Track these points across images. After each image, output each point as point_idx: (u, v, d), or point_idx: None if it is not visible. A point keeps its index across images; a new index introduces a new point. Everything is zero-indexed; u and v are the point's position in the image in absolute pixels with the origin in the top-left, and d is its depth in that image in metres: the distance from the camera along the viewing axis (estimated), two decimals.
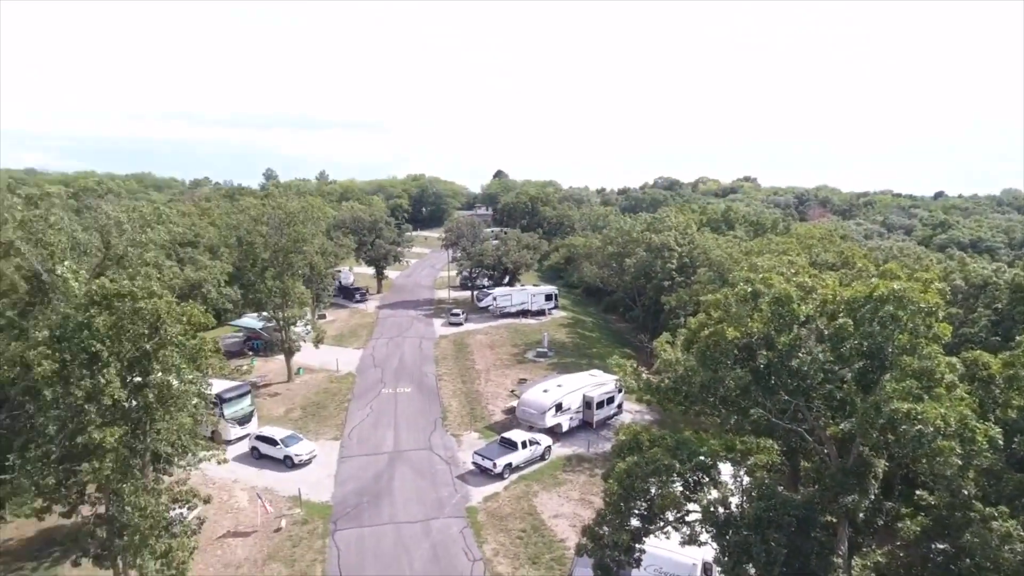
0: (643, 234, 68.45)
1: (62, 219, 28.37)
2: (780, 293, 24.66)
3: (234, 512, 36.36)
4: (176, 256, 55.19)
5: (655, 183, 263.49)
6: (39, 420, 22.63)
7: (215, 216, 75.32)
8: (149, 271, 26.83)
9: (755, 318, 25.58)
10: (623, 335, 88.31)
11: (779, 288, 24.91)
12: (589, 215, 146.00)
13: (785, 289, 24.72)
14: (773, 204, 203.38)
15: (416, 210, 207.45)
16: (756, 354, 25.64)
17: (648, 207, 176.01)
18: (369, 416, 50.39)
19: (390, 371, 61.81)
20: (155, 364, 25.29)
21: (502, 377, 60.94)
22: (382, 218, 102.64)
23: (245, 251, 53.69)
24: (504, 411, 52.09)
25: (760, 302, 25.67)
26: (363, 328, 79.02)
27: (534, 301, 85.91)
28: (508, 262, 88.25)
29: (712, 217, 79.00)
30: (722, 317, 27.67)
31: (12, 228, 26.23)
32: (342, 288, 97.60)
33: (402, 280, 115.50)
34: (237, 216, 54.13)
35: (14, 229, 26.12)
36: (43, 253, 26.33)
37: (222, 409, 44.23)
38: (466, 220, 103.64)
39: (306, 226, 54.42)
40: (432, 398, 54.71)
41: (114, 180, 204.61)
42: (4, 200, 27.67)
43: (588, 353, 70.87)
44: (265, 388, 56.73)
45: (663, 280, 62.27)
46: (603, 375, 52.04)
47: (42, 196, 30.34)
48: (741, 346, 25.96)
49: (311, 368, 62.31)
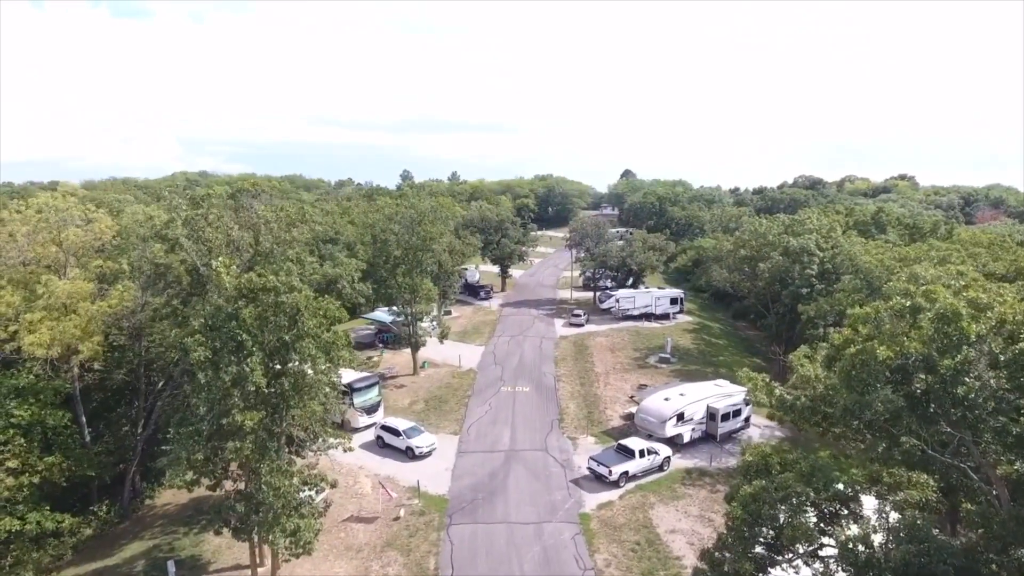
0: (780, 237, 63.77)
1: (220, 218, 31.37)
2: (947, 309, 21.53)
3: (358, 498, 38.29)
4: (318, 252, 59.33)
5: (795, 182, 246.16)
6: (193, 400, 24.94)
7: (354, 215, 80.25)
8: (291, 267, 28.78)
9: (913, 336, 22.58)
10: (753, 344, 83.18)
11: (945, 303, 21.78)
12: (720, 216, 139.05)
13: (953, 305, 21.55)
14: (933, 205, 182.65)
15: (542, 210, 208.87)
16: (912, 377, 22.66)
17: (786, 208, 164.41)
18: (488, 413, 51.14)
19: (510, 369, 62.44)
20: (293, 354, 27.08)
21: (621, 381, 59.47)
22: (508, 218, 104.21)
23: (379, 248, 56.50)
24: (622, 417, 50.73)
25: (920, 318, 22.63)
26: (486, 325, 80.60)
27: (658, 304, 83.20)
28: (632, 263, 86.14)
29: (860, 219, 71.84)
30: (872, 333, 24.72)
31: (179, 226, 29.35)
32: (468, 285, 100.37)
33: (525, 279, 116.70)
34: (373, 215, 57.07)
35: (181, 227, 29.23)
36: (202, 249, 29.20)
37: (352, 398, 46.77)
38: (591, 220, 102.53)
39: (435, 225, 56.28)
40: (550, 399, 54.52)
41: (269, 181, 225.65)
42: (172, 201, 31.12)
43: (714, 361, 67.41)
44: (392, 380, 59.43)
45: (801, 287, 57.59)
46: (730, 386, 49.08)
47: (204, 197, 33.78)
48: (894, 367, 23.02)
49: (435, 363, 64.45)
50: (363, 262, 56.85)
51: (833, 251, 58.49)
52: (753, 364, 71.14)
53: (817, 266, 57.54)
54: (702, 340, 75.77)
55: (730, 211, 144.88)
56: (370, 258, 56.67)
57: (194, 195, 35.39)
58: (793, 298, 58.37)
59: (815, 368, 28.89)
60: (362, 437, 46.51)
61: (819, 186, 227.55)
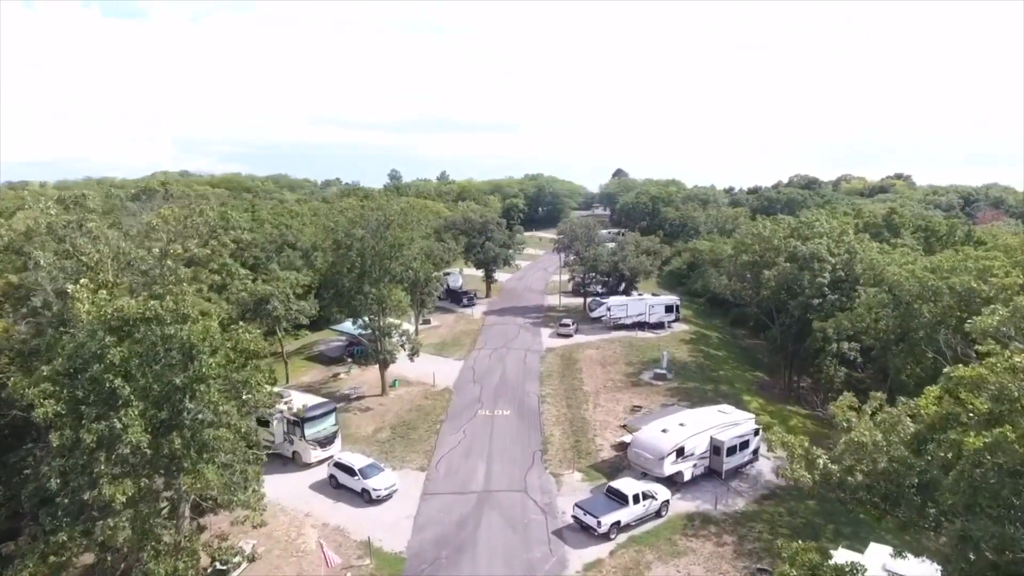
0: (786, 241, 58.09)
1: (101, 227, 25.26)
2: None
3: (299, 556, 32.17)
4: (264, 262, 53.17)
5: (790, 181, 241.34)
6: (43, 469, 18.85)
7: (308, 218, 73.75)
8: (183, 289, 22.74)
9: None
10: (754, 354, 77.57)
11: None
12: (716, 217, 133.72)
13: None
14: (933, 205, 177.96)
15: (532, 210, 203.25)
16: None
17: (783, 208, 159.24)
18: (461, 443, 45.14)
19: (490, 388, 56.43)
20: (189, 403, 21.02)
21: (613, 402, 53.60)
22: (493, 219, 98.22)
23: (342, 255, 50.39)
24: (613, 446, 44.85)
25: None
26: (467, 336, 74.58)
27: (652, 312, 77.44)
28: (625, 268, 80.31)
29: (870, 221, 66.43)
30: (1002, 413, 17.39)
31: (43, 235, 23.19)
32: (450, 291, 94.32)
33: (512, 283, 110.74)
34: (335, 217, 50.96)
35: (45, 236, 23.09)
36: (72, 266, 23.07)
37: (303, 429, 40.72)
38: (581, 221, 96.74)
39: (405, 229, 50.24)
40: (533, 424, 48.58)
41: (253, 181, 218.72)
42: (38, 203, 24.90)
43: (714, 376, 61.67)
44: (357, 401, 53.32)
45: (812, 298, 51.86)
46: (735, 412, 43.28)
47: (77, 199, 27.50)
48: None
49: (407, 380, 58.38)
50: (312, 273, 50.36)
51: (847, 256, 52.78)
52: (756, 380, 65.58)
53: (829, 274, 51.82)
54: (700, 352, 70.03)
55: (726, 212, 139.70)
56: (328, 267, 50.46)
57: (64, 196, 28.80)
58: (803, 308, 52.67)
59: (870, 430, 22.64)
60: (315, 474, 40.45)
61: (815, 186, 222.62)
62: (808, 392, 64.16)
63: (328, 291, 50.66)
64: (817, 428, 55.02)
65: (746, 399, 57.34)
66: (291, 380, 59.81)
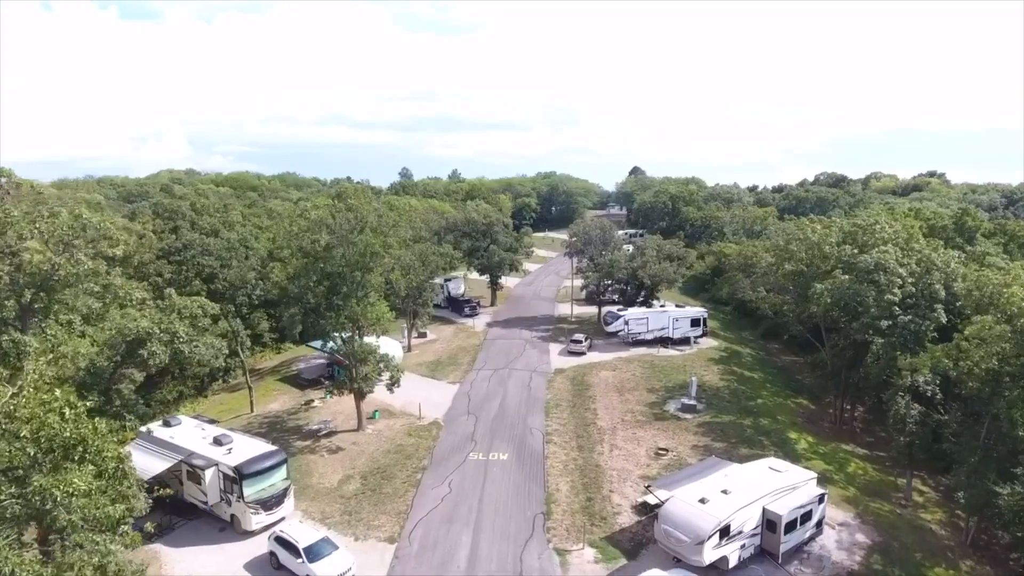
0: (840, 248, 48.68)
1: None
2: None
3: None
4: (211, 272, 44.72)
5: (816, 180, 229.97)
6: None
7: (260, 218, 64.93)
8: None
9: None
10: (793, 376, 67.95)
11: None
12: (743, 217, 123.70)
13: None
14: (974, 205, 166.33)
15: (545, 209, 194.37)
16: None
17: (814, 208, 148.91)
18: (445, 500, 36.36)
19: (486, 422, 47.62)
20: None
21: (633, 442, 44.56)
22: (499, 220, 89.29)
23: (308, 265, 41.84)
24: (635, 508, 35.85)
25: None
26: (465, 353, 65.79)
27: (677, 327, 68.17)
28: (645, 276, 71.04)
29: (937, 224, 56.69)
30: None
31: None
32: (451, 299, 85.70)
33: (521, 289, 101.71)
34: (300, 221, 42.42)
35: None
36: None
37: (241, 488, 32.19)
38: (596, 223, 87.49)
39: (379, 235, 41.58)
40: (535, 473, 39.70)
41: (260, 179, 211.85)
42: None
43: (751, 407, 52.33)
44: (327, 439, 44.75)
45: (879, 319, 42.36)
46: (791, 470, 34.07)
47: None
48: None
49: (390, 410, 49.80)
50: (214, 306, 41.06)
51: (925, 267, 43.17)
52: (800, 410, 56.11)
53: (900, 290, 42.26)
54: (732, 374, 60.63)
55: (754, 212, 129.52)
56: (291, 279, 41.92)
57: None
58: (866, 330, 43.14)
59: None
60: (256, 547, 31.89)
61: (843, 184, 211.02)
62: (865, 425, 54.59)
63: (288, 308, 42.05)
64: (880, 474, 45.66)
65: (792, 437, 48.05)
66: (257, 408, 51.57)
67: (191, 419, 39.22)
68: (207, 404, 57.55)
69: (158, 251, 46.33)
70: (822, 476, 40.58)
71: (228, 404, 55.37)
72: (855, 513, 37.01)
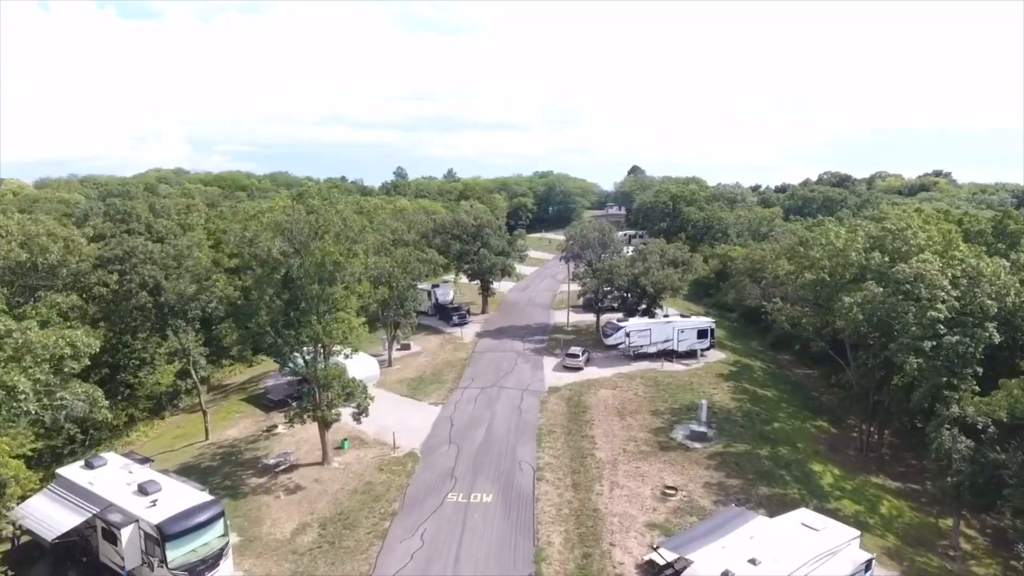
0: (868, 256, 43.14)
1: None
2: None
3: None
4: None
5: (819, 179, 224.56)
6: None
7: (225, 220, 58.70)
8: None
9: None
10: (808, 391, 62.51)
11: None
12: (749, 218, 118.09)
13: None
14: (985, 205, 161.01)
15: (542, 209, 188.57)
16: None
17: (821, 208, 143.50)
18: (416, 556, 30.71)
19: (469, 453, 42.00)
20: None
21: (636, 479, 38.93)
22: (490, 222, 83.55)
23: (261, 277, 36.15)
24: (639, 568, 30.20)
25: None
26: (451, 368, 60.11)
27: (682, 339, 62.55)
28: (647, 283, 65.42)
29: (972, 228, 50.99)
30: None
31: None
32: (439, 307, 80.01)
33: (515, 295, 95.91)
34: (251, 225, 36.72)
35: None
36: None
37: (164, 551, 26.52)
38: (594, 224, 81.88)
39: (341, 242, 35.90)
40: (523, 521, 34.06)
41: (250, 179, 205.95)
42: None
43: (767, 433, 46.82)
44: (287, 474, 39.11)
45: (920, 339, 36.72)
46: (828, 525, 28.45)
47: None
48: None
49: (362, 437, 44.19)
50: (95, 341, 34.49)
51: (974, 278, 37.50)
52: (821, 434, 50.64)
53: (943, 304, 36.62)
54: (744, 392, 55.06)
55: (760, 213, 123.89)
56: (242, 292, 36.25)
57: None
58: (906, 351, 37.48)
59: None
60: None
61: (848, 183, 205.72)
62: (893, 451, 49.04)
63: (236, 327, 36.40)
64: (917, 513, 40.14)
65: (816, 469, 42.55)
66: (213, 435, 45.95)
67: (119, 458, 33.45)
68: (164, 427, 51.95)
69: (95, 259, 40.51)
70: (854, 520, 35.15)
71: (186, 428, 49.73)
72: (900, 573, 31.44)
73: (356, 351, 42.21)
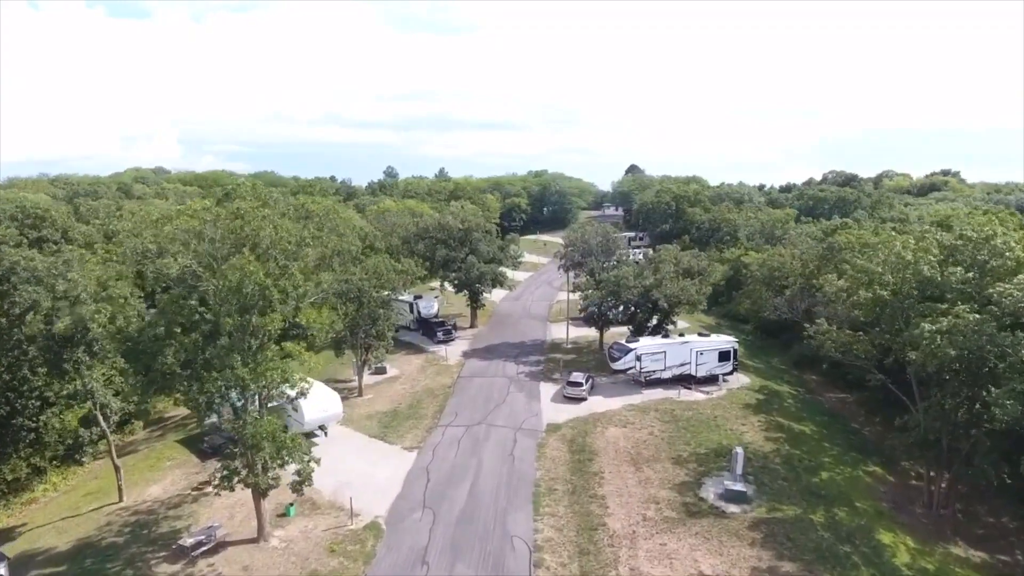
0: (949, 272, 34.45)
1: None
2: None
3: None
4: None
5: (824, 179, 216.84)
6: None
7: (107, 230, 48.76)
8: None
9: None
10: (847, 423, 53.52)
11: None
12: (762, 220, 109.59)
13: None
14: (1003, 205, 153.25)
15: (536, 210, 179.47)
16: None
17: (834, 209, 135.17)
18: None
19: (447, 525, 32.93)
20: None
21: (663, 562, 30.03)
22: (480, 225, 74.61)
23: (169, 304, 27.09)
24: None
25: None
26: (432, 398, 51.07)
27: (701, 362, 53.68)
28: (661, 297, 56.51)
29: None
30: None
31: None
32: (422, 321, 70.97)
33: (507, 305, 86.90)
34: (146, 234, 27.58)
35: None
36: None
37: None
38: (596, 229, 72.93)
39: (266, 259, 26.85)
40: None
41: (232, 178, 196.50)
42: None
43: (817, 487, 38.04)
44: (207, 560, 29.98)
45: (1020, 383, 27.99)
46: None
47: None
48: None
49: (314, 500, 35.10)
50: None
51: None
52: (878, 486, 41.73)
53: None
54: (779, 429, 46.23)
55: (773, 214, 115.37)
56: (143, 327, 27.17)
57: None
58: (1010, 396, 28.72)
59: None
60: None
61: (854, 183, 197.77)
62: (963, 505, 40.30)
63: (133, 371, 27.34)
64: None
65: (886, 543, 33.66)
66: (130, 494, 36.92)
67: None
68: (82, 476, 42.85)
69: None
70: None
71: (105, 479, 40.50)
72: None
73: (303, 395, 33.11)
